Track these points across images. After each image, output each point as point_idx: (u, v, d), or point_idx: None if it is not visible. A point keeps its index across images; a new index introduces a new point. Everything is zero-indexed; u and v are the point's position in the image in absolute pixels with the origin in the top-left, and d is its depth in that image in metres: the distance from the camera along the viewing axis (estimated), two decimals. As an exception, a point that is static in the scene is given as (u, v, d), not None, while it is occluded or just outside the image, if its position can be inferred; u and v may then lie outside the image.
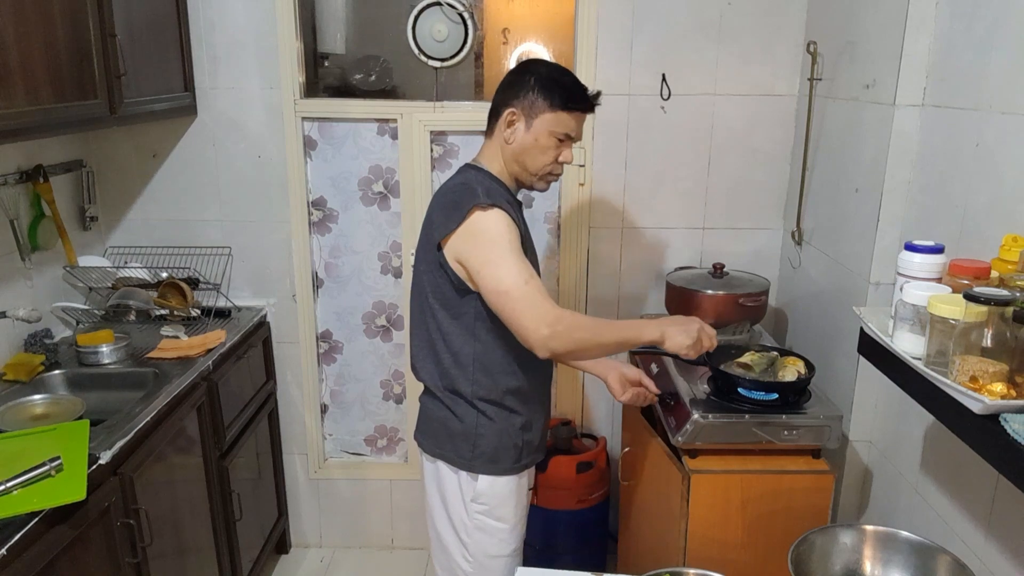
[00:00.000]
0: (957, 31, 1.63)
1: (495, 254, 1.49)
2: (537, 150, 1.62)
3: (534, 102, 1.60)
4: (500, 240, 1.50)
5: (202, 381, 2.13)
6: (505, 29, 2.59)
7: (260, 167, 2.57)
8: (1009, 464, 1.05)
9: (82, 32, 1.86)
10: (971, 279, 1.25)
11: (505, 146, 1.64)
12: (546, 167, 1.64)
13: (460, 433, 1.67)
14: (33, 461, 1.49)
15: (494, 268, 1.49)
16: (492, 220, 1.52)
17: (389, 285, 2.71)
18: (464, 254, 1.53)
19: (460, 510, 1.71)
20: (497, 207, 1.53)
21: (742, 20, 2.40)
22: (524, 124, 1.61)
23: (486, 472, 1.67)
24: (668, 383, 2.00)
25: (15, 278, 2.18)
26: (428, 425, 1.75)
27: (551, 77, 1.61)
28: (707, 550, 1.79)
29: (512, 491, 1.70)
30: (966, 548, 1.51)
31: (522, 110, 1.61)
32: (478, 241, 1.52)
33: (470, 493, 1.68)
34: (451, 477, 1.70)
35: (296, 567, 2.84)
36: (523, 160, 1.63)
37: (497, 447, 1.66)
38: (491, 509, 1.69)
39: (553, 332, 1.45)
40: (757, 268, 2.50)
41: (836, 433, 1.79)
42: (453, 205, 1.55)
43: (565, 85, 1.61)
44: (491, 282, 1.49)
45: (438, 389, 1.70)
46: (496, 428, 1.66)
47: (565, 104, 1.60)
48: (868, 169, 1.91)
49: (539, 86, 1.60)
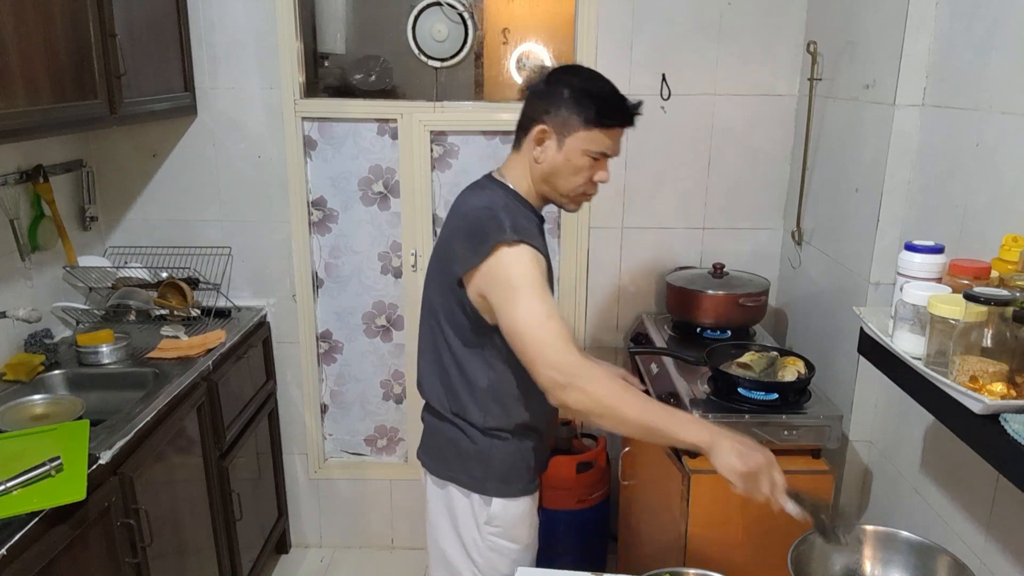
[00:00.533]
0: (957, 31, 1.63)
1: (516, 293, 1.38)
2: (569, 170, 1.49)
3: (567, 119, 1.45)
4: (523, 279, 1.39)
5: (202, 381, 2.13)
6: (505, 29, 2.59)
7: (260, 167, 2.57)
8: (1009, 464, 1.05)
9: (82, 32, 1.86)
10: (971, 279, 1.25)
11: (534, 165, 1.51)
12: (579, 188, 1.52)
13: (472, 454, 1.58)
14: (33, 461, 1.49)
15: (513, 307, 1.38)
16: (517, 258, 1.40)
17: (389, 285, 2.72)
18: (485, 289, 1.43)
19: (473, 533, 1.61)
20: (524, 243, 1.41)
21: (742, 20, 2.40)
22: (555, 142, 1.48)
23: (500, 494, 1.58)
24: (668, 383, 2.00)
25: (15, 278, 2.18)
26: (435, 446, 1.65)
27: (585, 89, 1.46)
28: (707, 550, 1.79)
29: (526, 511, 1.62)
30: (966, 548, 1.51)
31: (553, 127, 1.47)
32: (499, 280, 1.41)
33: (483, 516, 1.59)
34: (463, 501, 1.60)
35: (296, 567, 2.84)
36: (554, 181, 1.51)
37: (510, 468, 1.58)
38: (505, 531, 1.60)
39: (568, 383, 1.32)
40: (757, 268, 2.50)
41: (836, 433, 1.79)
42: (477, 237, 1.43)
43: (601, 98, 1.46)
44: (508, 322, 1.39)
45: (447, 412, 1.61)
46: (509, 449, 1.58)
47: (601, 120, 1.45)
48: (868, 169, 1.91)
49: (572, 100, 1.45)
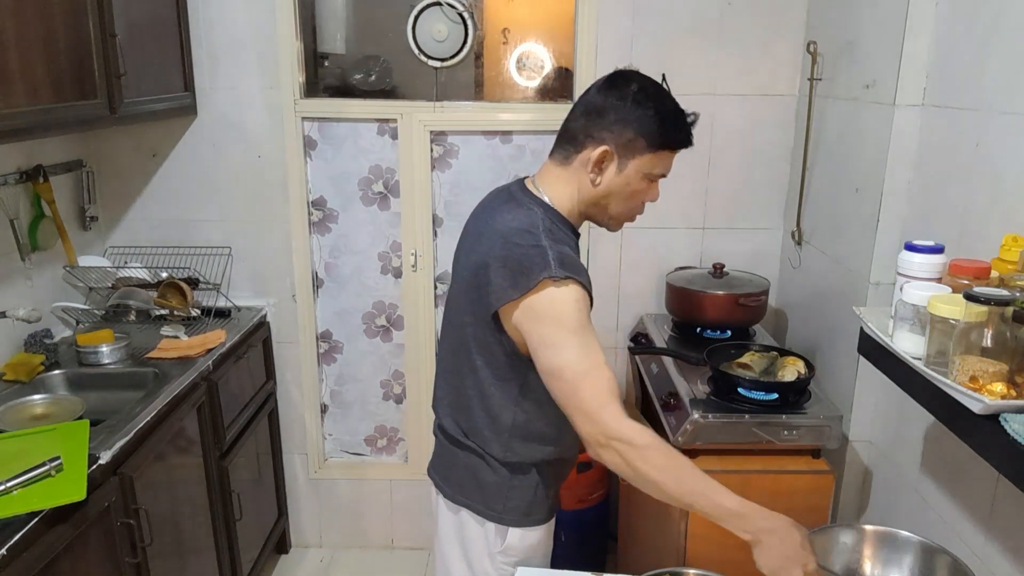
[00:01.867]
0: (957, 31, 1.63)
1: (559, 338, 1.27)
2: (626, 194, 1.38)
3: (633, 140, 1.33)
4: (567, 319, 1.27)
5: (202, 381, 2.13)
6: (505, 29, 2.59)
7: (260, 167, 2.56)
8: (1009, 464, 1.05)
9: (82, 32, 1.86)
10: (971, 279, 1.25)
11: (587, 186, 1.38)
12: (630, 212, 1.43)
13: (492, 486, 1.46)
14: (33, 461, 1.49)
15: (555, 353, 1.27)
16: (563, 297, 1.27)
17: (389, 285, 2.71)
18: (525, 326, 1.30)
19: (484, 562, 1.51)
20: (572, 280, 1.27)
21: (742, 20, 2.40)
22: (616, 165, 1.35)
23: (518, 525, 1.47)
24: (668, 383, 2.00)
25: (15, 278, 2.18)
26: (451, 470, 1.52)
27: (656, 110, 1.33)
28: (707, 550, 1.79)
29: (542, 540, 1.53)
30: (966, 548, 1.51)
31: (616, 148, 1.34)
32: (541, 318, 1.28)
33: (498, 546, 1.49)
34: (476, 529, 1.49)
35: (296, 567, 2.84)
36: (606, 203, 1.40)
37: (532, 501, 1.47)
38: (519, 560, 1.51)
39: (608, 444, 1.23)
40: (757, 268, 2.50)
41: (836, 433, 1.79)
42: (520, 269, 1.29)
43: (672, 118, 1.35)
44: (548, 366, 1.28)
45: (464, 438, 1.48)
46: (531, 482, 1.47)
47: (669, 143, 1.35)
48: (868, 169, 1.91)
49: (641, 120, 1.32)
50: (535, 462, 1.46)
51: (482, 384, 1.42)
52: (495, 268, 1.32)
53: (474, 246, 1.41)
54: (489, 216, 1.42)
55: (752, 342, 2.17)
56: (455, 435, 1.49)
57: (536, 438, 1.45)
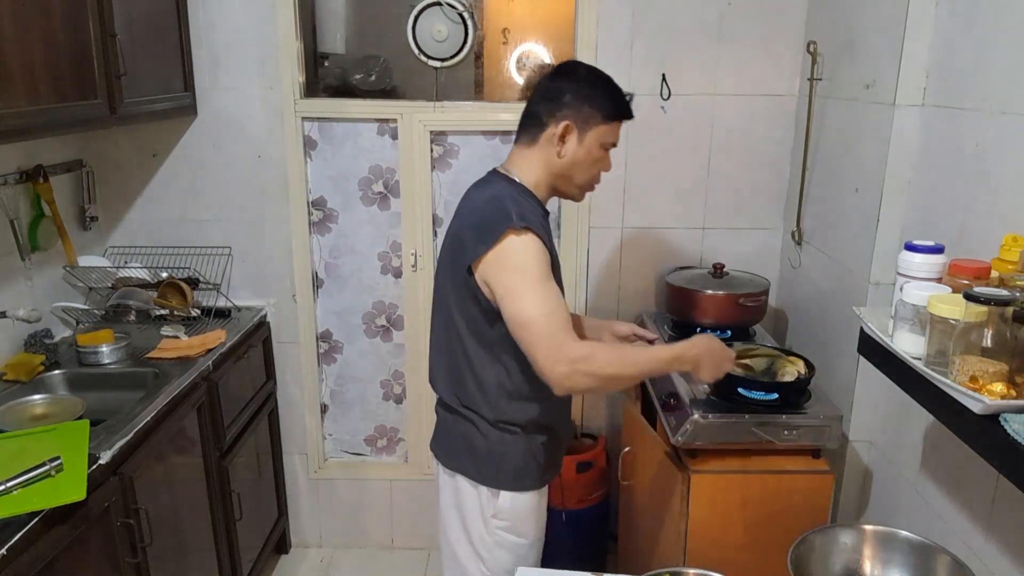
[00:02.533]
0: (957, 31, 1.63)
1: (521, 284, 1.42)
2: (589, 163, 1.57)
3: (590, 115, 1.53)
4: (528, 268, 1.43)
5: (202, 381, 2.13)
6: (505, 29, 2.59)
7: (260, 167, 2.57)
8: (1009, 464, 1.05)
9: (82, 32, 1.86)
10: (971, 279, 1.25)
11: (554, 160, 1.56)
12: (592, 179, 1.61)
13: (483, 450, 1.59)
14: (33, 461, 1.49)
15: (517, 298, 1.42)
16: (523, 245, 1.43)
17: (389, 285, 2.72)
18: (492, 277, 1.46)
19: (479, 526, 1.63)
20: (531, 231, 1.44)
21: (742, 20, 2.40)
22: (576, 136, 1.54)
23: (509, 488, 1.60)
24: (668, 383, 2.00)
25: (15, 278, 2.18)
26: (447, 438, 1.67)
27: (603, 87, 1.56)
28: (707, 550, 1.79)
29: (534, 507, 1.64)
30: (966, 548, 1.51)
31: (576, 122, 1.53)
32: (505, 267, 1.44)
33: (491, 509, 1.61)
34: (471, 492, 1.62)
35: (296, 567, 2.84)
36: (572, 173, 1.57)
37: (522, 466, 1.60)
38: (512, 525, 1.62)
39: (572, 370, 1.39)
40: (757, 268, 2.50)
41: (836, 433, 1.79)
42: (485, 226, 1.46)
43: (617, 93, 1.57)
44: (512, 312, 1.42)
45: (458, 407, 1.62)
46: (521, 446, 1.60)
47: (619, 114, 1.56)
48: (868, 169, 1.91)
49: (592, 96, 1.53)
50: (523, 424, 1.59)
51: (467, 348, 1.57)
52: (467, 232, 1.51)
53: (452, 226, 1.61)
54: (466, 198, 1.63)
55: (752, 342, 2.17)
56: (451, 404, 1.64)
57: (520, 396, 1.57)
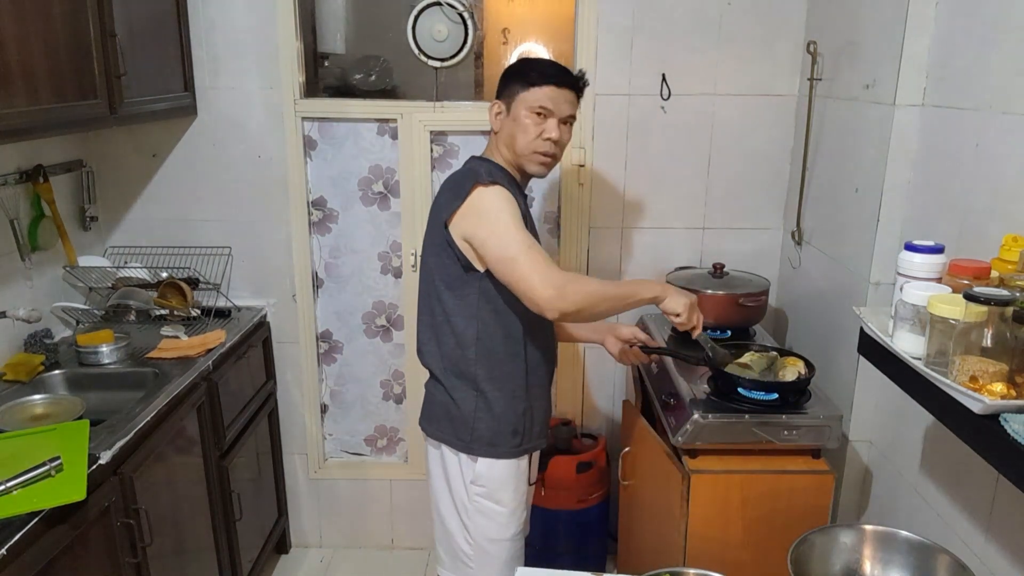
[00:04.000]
0: (957, 31, 1.63)
1: (499, 226, 1.57)
2: (519, 129, 1.69)
3: (511, 87, 1.71)
4: (502, 213, 1.58)
5: (202, 381, 2.13)
6: (505, 29, 2.59)
7: (260, 167, 2.56)
8: (1009, 464, 1.05)
9: (82, 32, 1.86)
10: (971, 279, 1.25)
11: (498, 137, 1.74)
12: (532, 143, 1.70)
13: (459, 418, 1.74)
14: (33, 461, 1.49)
15: (499, 237, 1.57)
16: (493, 194, 1.60)
17: (389, 285, 2.72)
18: (469, 229, 1.61)
19: (462, 492, 1.77)
20: (497, 184, 1.61)
21: (742, 20, 2.40)
22: (506, 110, 1.72)
23: (485, 455, 1.73)
24: (668, 383, 2.00)
25: (15, 278, 2.18)
26: (431, 410, 1.82)
27: (523, 61, 1.77)
28: (707, 550, 1.79)
29: (511, 475, 1.75)
30: (966, 548, 1.51)
31: (503, 99, 1.73)
32: (481, 214, 1.60)
33: (470, 475, 1.75)
34: (453, 459, 1.77)
35: (296, 567, 2.84)
36: (512, 143, 1.71)
37: (496, 431, 1.73)
38: (490, 492, 1.75)
39: (560, 292, 1.52)
40: (757, 268, 2.50)
41: (836, 433, 1.79)
42: (457, 186, 1.64)
43: (533, 64, 1.74)
44: (497, 250, 1.57)
45: (441, 373, 1.77)
46: (495, 413, 1.73)
47: (534, 80, 1.69)
48: (868, 169, 1.91)
49: (513, 72, 1.73)
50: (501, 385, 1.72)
51: (446, 307, 1.71)
52: (443, 197, 1.68)
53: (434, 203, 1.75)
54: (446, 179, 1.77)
55: (752, 342, 2.17)
56: (435, 370, 1.78)
57: (500, 350, 1.71)
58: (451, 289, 1.70)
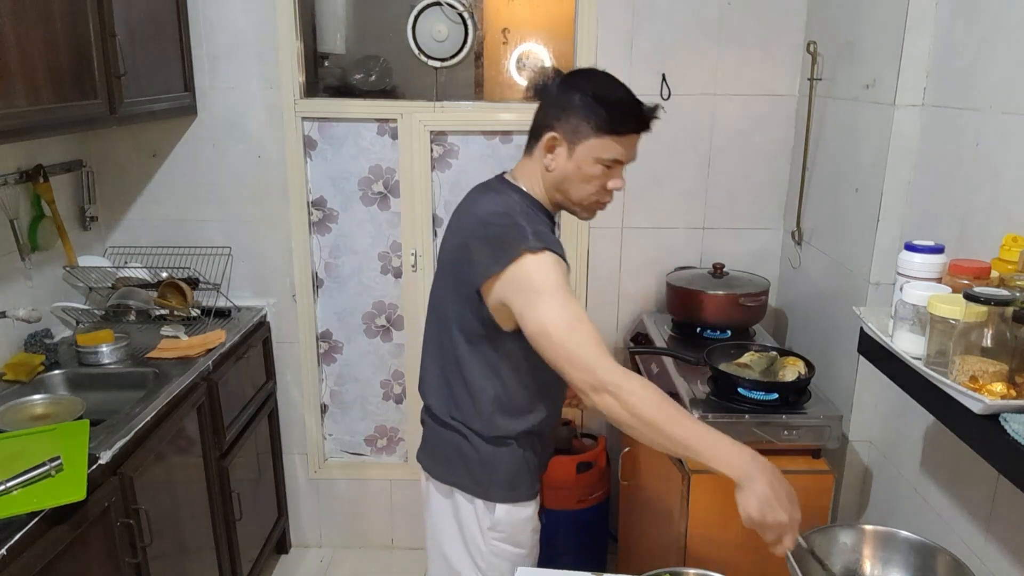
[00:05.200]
0: (957, 31, 1.63)
1: (542, 298, 1.34)
2: (580, 178, 1.45)
3: (577, 126, 1.42)
4: (549, 284, 1.35)
5: (202, 381, 2.13)
6: (505, 29, 2.59)
7: (260, 167, 2.57)
8: (1009, 464, 1.05)
9: (82, 32, 1.86)
10: (971, 279, 1.25)
11: (546, 172, 1.48)
12: (591, 196, 1.48)
13: (476, 460, 1.54)
14: (33, 461, 1.49)
15: (541, 312, 1.34)
16: (544, 266, 1.36)
17: (389, 285, 2.71)
18: (509, 297, 1.38)
19: (477, 538, 1.59)
20: (548, 250, 1.37)
21: (742, 20, 2.40)
22: (566, 150, 1.44)
23: (504, 500, 1.55)
24: (668, 383, 2.00)
25: (15, 278, 2.18)
26: (438, 450, 1.62)
27: (597, 95, 1.42)
28: (707, 550, 1.79)
29: (530, 516, 1.60)
30: (966, 548, 1.51)
31: (563, 134, 1.43)
32: (525, 285, 1.36)
33: (487, 521, 1.56)
34: (467, 507, 1.58)
35: (296, 567, 2.84)
36: (565, 189, 1.47)
37: (515, 475, 1.55)
38: (509, 536, 1.58)
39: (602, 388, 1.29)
40: (757, 268, 2.50)
41: (836, 433, 1.79)
42: (498, 243, 1.38)
43: (613, 103, 1.42)
44: (536, 325, 1.34)
45: (448, 417, 1.58)
46: (514, 456, 1.55)
47: (613, 127, 1.42)
48: (868, 169, 1.91)
49: (583, 106, 1.41)
50: (515, 435, 1.54)
51: (462, 360, 1.51)
52: (476, 247, 1.42)
53: (455, 233, 1.53)
54: (469, 205, 1.53)
55: (752, 342, 2.17)
56: (441, 416, 1.58)
57: (516, 410, 1.52)
58: (471, 343, 1.49)
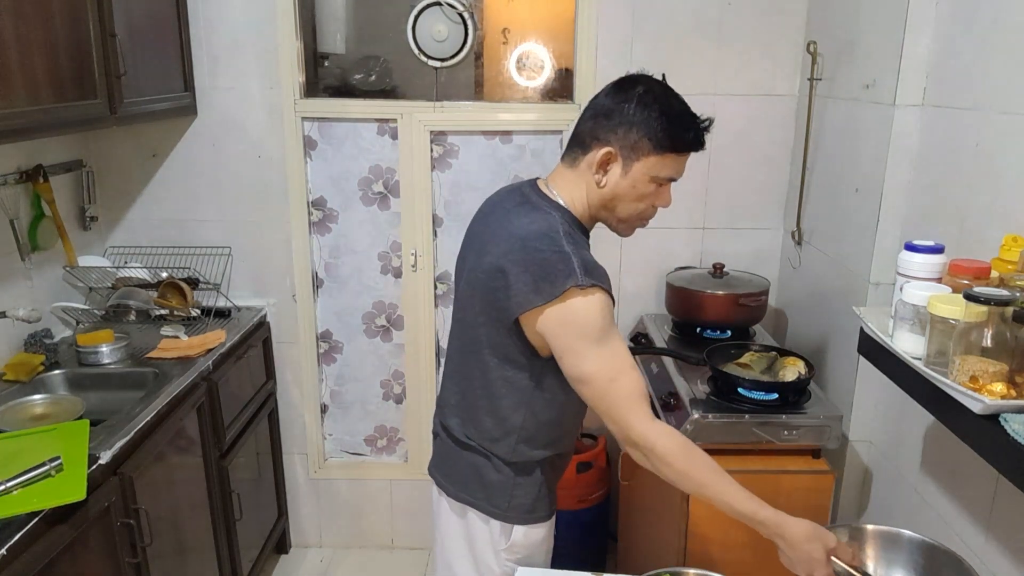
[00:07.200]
0: (957, 31, 1.63)
1: (586, 344, 1.28)
2: (633, 197, 1.37)
3: (637, 142, 1.32)
4: (595, 329, 1.28)
5: (202, 381, 2.13)
6: (505, 29, 2.59)
7: (260, 167, 2.56)
8: (1009, 464, 1.05)
9: (82, 32, 1.86)
10: (971, 279, 1.25)
11: (594, 189, 1.38)
12: (640, 212, 1.41)
13: (495, 484, 1.47)
14: (33, 461, 1.49)
15: (582, 359, 1.29)
16: (589, 306, 1.28)
17: (389, 285, 2.71)
18: (550, 333, 1.30)
19: (489, 559, 1.52)
20: (598, 289, 1.28)
21: (742, 20, 2.40)
22: (621, 166, 1.35)
23: (522, 523, 1.49)
24: (668, 383, 2.00)
25: (15, 278, 2.18)
26: (454, 468, 1.53)
27: (662, 110, 1.33)
28: (707, 550, 1.79)
29: (545, 536, 1.55)
30: (966, 548, 1.51)
31: (620, 150, 1.34)
32: (569, 326, 1.29)
33: (503, 543, 1.50)
34: (482, 527, 1.50)
35: (296, 567, 2.84)
36: (614, 206, 1.39)
37: (536, 498, 1.49)
38: (524, 558, 1.53)
39: (635, 445, 1.29)
40: (757, 268, 2.50)
41: (836, 433, 1.79)
42: (541, 274, 1.28)
43: (677, 120, 1.34)
44: (577, 372, 1.30)
45: (469, 441, 1.49)
46: (536, 480, 1.49)
47: (675, 145, 1.34)
48: (868, 169, 1.91)
49: (645, 122, 1.32)
50: (538, 460, 1.48)
51: (492, 385, 1.42)
52: (515, 273, 1.30)
53: (487, 247, 1.39)
54: (503, 217, 1.40)
55: (752, 342, 2.17)
56: (460, 436, 1.50)
57: (542, 440, 1.46)
58: (505, 369, 1.40)
